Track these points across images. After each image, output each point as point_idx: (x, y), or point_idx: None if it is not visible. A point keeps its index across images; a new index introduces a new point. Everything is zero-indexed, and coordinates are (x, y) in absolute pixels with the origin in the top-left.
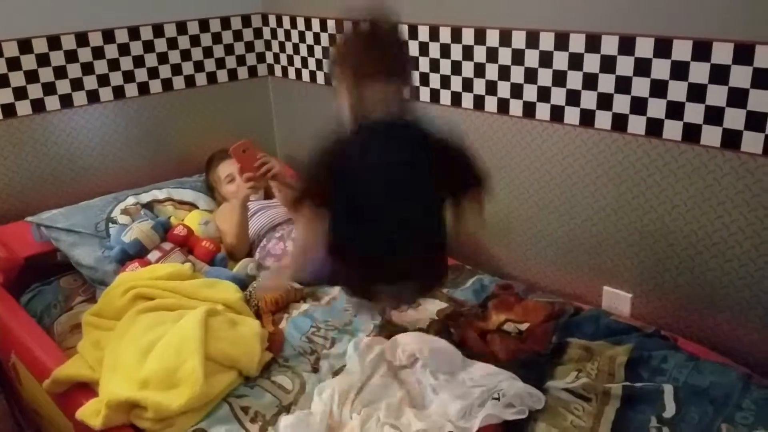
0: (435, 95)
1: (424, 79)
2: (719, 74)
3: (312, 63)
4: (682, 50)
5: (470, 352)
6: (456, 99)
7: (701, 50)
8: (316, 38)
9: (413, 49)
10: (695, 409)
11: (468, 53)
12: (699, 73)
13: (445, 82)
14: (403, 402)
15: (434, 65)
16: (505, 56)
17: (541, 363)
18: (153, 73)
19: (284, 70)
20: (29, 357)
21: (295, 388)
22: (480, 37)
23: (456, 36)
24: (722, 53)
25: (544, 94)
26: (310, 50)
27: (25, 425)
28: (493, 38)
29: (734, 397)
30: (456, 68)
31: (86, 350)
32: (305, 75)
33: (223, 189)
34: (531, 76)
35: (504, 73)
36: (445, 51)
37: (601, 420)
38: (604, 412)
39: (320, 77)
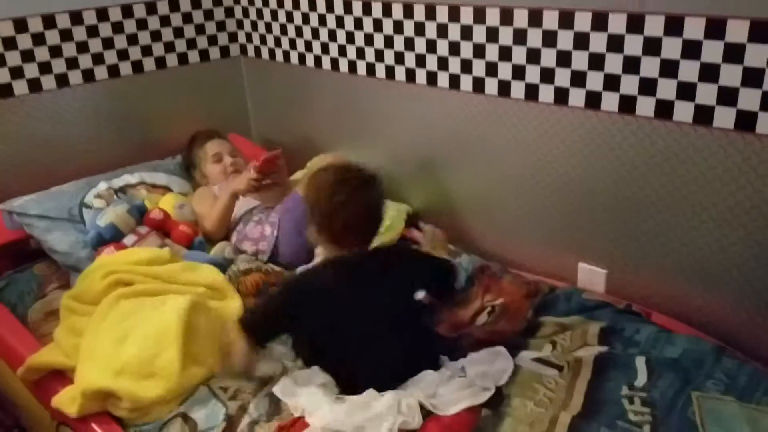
0: (411, 74)
1: (399, 59)
2: (690, 49)
3: (285, 42)
4: (654, 26)
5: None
6: (432, 78)
7: (674, 24)
8: (289, 17)
9: (388, 28)
10: (666, 377)
11: (442, 31)
12: (671, 48)
13: (420, 61)
14: None
15: (409, 44)
16: (479, 34)
17: (515, 339)
18: (123, 54)
19: (257, 50)
20: (3, 346)
21: (277, 372)
22: (454, 14)
23: (430, 14)
24: (693, 28)
25: (518, 72)
26: (283, 29)
27: (3, 416)
28: (467, 16)
29: (706, 367)
30: (431, 47)
31: (62, 336)
32: (279, 55)
33: (208, 167)
34: (505, 54)
35: (479, 51)
36: (420, 29)
37: (574, 390)
38: (576, 383)
39: (294, 57)
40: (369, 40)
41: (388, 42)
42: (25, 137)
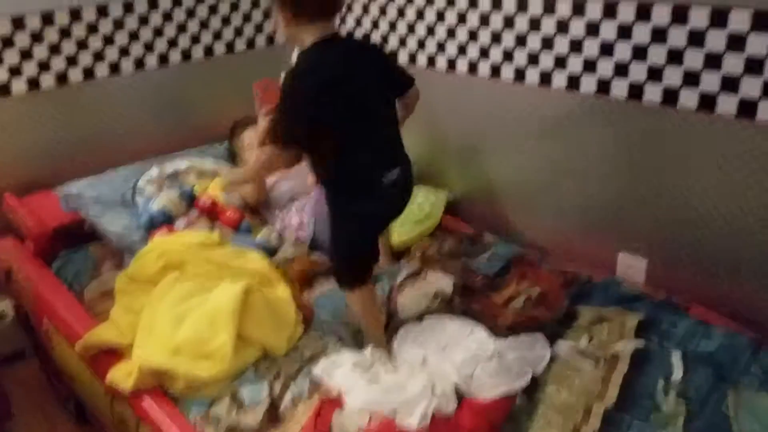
0: (452, 63)
1: (441, 48)
2: (736, 42)
3: None
4: (698, 17)
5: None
6: (473, 68)
7: (719, 18)
8: None
9: (430, 16)
10: (702, 372)
11: (484, 20)
12: (713, 40)
13: (462, 50)
14: None
15: (450, 33)
16: (521, 24)
17: (552, 327)
18: (172, 43)
19: None
20: (61, 323)
21: (317, 352)
22: (497, 2)
23: (473, 2)
24: (738, 18)
25: (560, 63)
26: None
27: (59, 387)
28: (509, 5)
29: (742, 362)
30: (472, 36)
31: (117, 314)
32: None
33: (246, 155)
34: (547, 44)
35: (520, 41)
36: (462, 18)
37: (610, 382)
38: (612, 375)
39: None
40: (411, 28)
41: (430, 31)
42: (80, 123)
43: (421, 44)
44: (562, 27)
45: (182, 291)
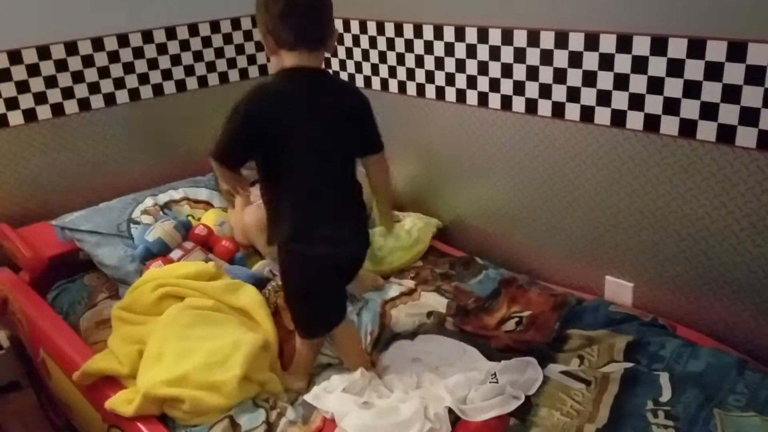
0: (440, 92)
1: (430, 77)
2: (713, 71)
3: None
4: (677, 48)
5: (475, 342)
6: (461, 96)
7: (696, 47)
8: None
9: (419, 48)
10: (690, 392)
11: (471, 52)
12: (693, 69)
13: (450, 79)
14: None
15: (439, 63)
16: (507, 54)
17: (543, 350)
18: (167, 74)
19: None
20: (58, 352)
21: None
22: (483, 36)
23: (459, 35)
24: (714, 50)
25: (545, 91)
26: None
27: (54, 417)
28: (495, 37)
29: (728, 382)
30: (460, 66)
31: (115, 345)
32: None
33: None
34: (532, 73)
35: (506, 70)
36: (450, 49)
37: (600, 403)
38: (603, 397)
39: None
40: (401, 59)
41: (419, 61)
42: (75, 155)
43: (411, 74)
44: (546, 57)
45: (189, 321)
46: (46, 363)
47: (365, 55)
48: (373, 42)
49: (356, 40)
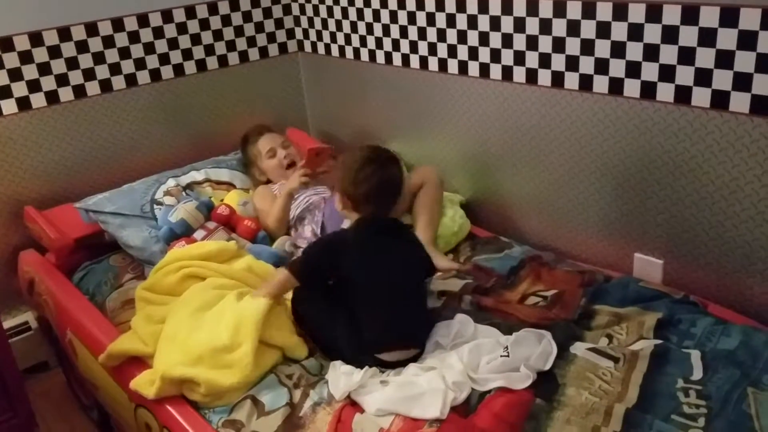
0: (463, 66)
1: (452, 51)
2: (747, 39)
3: (341, 38)
4: (708, 17)
5: (492, 320)
6: (484, 70)
7: (728, 16)
8: (344, 12)
9: (440, 21)
10: (722, 371)
11: (495, 24)
12: (726, 39)
13: (473, 53)
14: None
15: (462, 37)
16: (532, 26)
17: (569, 327)
18: (187, 54)
19: (313, 45)
20: (84, 333)
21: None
22: (507, 7)
23: (483, 6)
24: (749, 17)
25: (572, 63)
26: (339, 25)
27: (82, 396)
28: (520, 8)
29: (762, 360)
30: (483, 39)
31: (139, 325)
32: (334, 50)
33: (264, 163)
34: (559, 45)
35: (531, 43)
36: (473, 22)
37: (630, 382)
38: (632, 375)
39: (349, 52)
40: (422, 33)
41: (441, 35)
42: (97, 136)
43: (432, 49)
44: (573, 28)
45: (204, 301)
46: (73, 343)
47: (386, 31)
48: (393, 17)
49: (377, 15)
